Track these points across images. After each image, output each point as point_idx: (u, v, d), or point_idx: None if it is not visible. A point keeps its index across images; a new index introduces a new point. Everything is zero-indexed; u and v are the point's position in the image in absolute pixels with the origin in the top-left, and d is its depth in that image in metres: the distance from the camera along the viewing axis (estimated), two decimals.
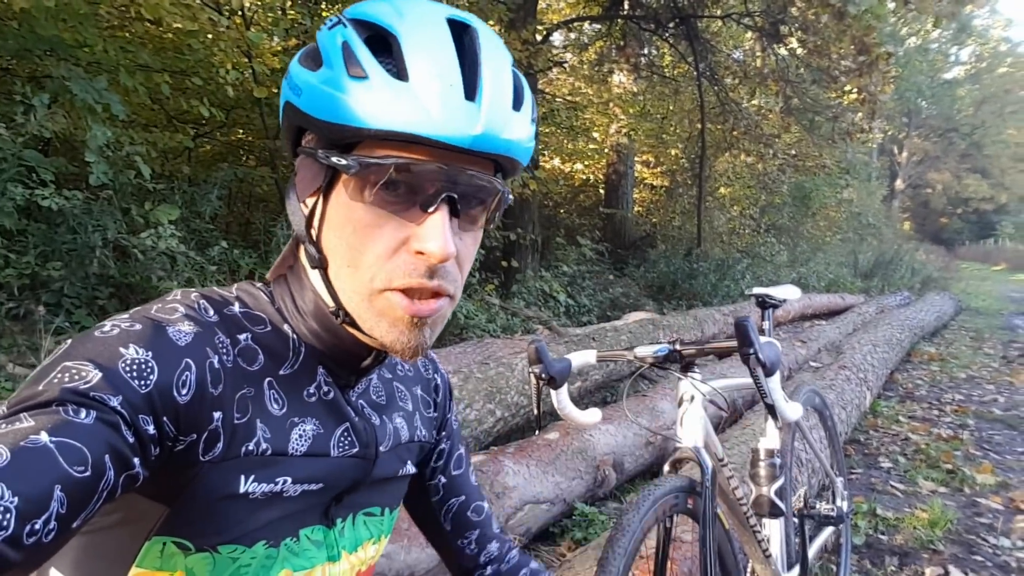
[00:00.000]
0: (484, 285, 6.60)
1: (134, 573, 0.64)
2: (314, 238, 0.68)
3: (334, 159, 0.63)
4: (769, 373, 1.36)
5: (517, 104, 0.67)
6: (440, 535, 0.96)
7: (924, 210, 41.54)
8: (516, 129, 0.66)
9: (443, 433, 0.95)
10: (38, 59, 3.99)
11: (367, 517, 0.81)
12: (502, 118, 0.64)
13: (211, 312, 0.67)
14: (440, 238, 0.62)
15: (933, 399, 5.64)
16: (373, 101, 0.60)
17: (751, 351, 1.33)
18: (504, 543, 1.01)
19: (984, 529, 3.11)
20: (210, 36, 4.61)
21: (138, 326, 0.60)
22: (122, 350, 0.57)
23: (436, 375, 0.95)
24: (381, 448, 0.78)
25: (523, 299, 7.08)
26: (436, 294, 0.65)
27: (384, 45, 0.63)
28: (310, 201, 0.68)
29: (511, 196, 0.71)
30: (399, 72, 0.61)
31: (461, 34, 0.65)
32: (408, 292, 0.64)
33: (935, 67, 32.74)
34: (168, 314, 0.63)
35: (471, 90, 0.62)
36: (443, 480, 0.95)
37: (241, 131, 6.52)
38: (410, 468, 0.86)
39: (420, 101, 0.60)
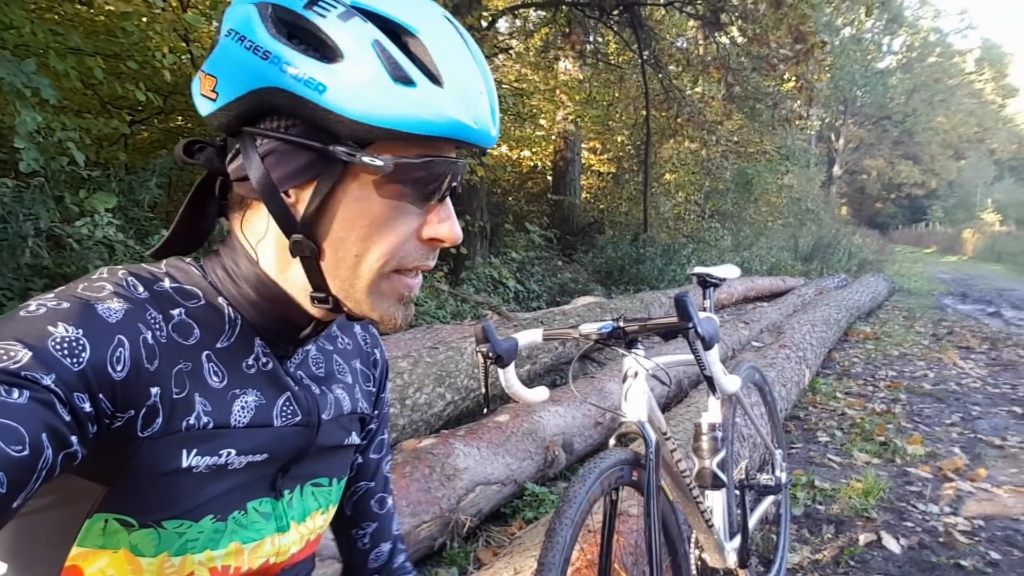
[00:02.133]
0: (434, 272, 6.58)
1: (76, 553, 0.64)
2: (306, 229, 0.66)
3: (366, 159, 0.63)
4: (708, 347, 1.41)
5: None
6: (339, 519, 0.94)
7: (860, 195, 43.03)
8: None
9: (376, 411, 0.94)
10: None
11: (315, 488, 0.81)
12: (497, 115, 0.69)
13: (140, 289, 0.65)
14: (454, 225, 0.70)
15: (868, 376, 5.88)
16: (420, 107, 0.62)
17: (690, 325, 1.38)
18: (397, 549, 0.99)
19: (914, 497, 3.27)
20: (145, 19, 4.46)
21: (65, 304, 0.59)
22: (51, 328, 0.56)
23: (376, 350, 0.94)
24: (324, 416, 0.78)
25: (473, 285, 7.10)
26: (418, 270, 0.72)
27: (397, 40, 0.63)
28: (296, 192, 0.66)
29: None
30: (433, 76, 0.63)
31: (460, 32, 0.68)
32: (406, 272, 0.70)
33: (869, 57, 33.78)
34: (96, 292, 0.62)
35: (491, 95, 0.68)
36: (359, 460, 0.93)
37: (180, 118, 6.32)
38: (355, 438, 0.86)
39: (457, 105, 0.64)
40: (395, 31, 0.63)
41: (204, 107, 0.67)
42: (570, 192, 11.61)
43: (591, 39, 11.04)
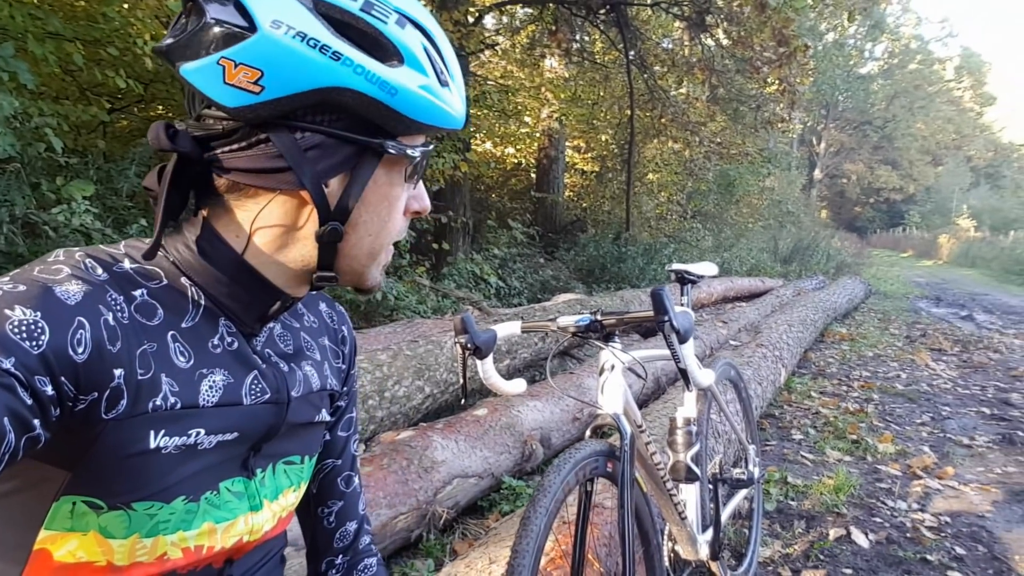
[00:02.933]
0: (415, 267, 6.58)
1: (44, 536, 0.64)
2: (338, 216, 0.71)
3: (409, 152, 0.72)
4: (683, 340, 1.44)
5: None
6: (304, 497, 0.93)
7: (840, 199, 43.50)
8: None
9: (345, 388, 0.94)
10: None
11: (287, 465, 0.82)
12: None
13: (99, 271, 0.65)
14: (427, 199, 0.80)
15: (843, 376, 5.96)
16: (449, 105, 0.71)
17: (666, 318, 1.40)
18: (363, 530, 0.99)
19: (883, 493, 3.33)
20: (126, 5, 4.41)
21: (22, 287, 0.58)
22: (8, 312, 0.55)
23: (344, 327, 0.95)
24: (293, 393, 0.79)
25: (454, 281, 7.10)
26: None
27: (432, 44, 0.72)
28: (333, 183, 0.69)
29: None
30: (449, 76, 0.72)
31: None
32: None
33: (851, 62, 34.14)
34: (53, 274, 0.61)
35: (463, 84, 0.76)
36: (327, 437, 0.94)
37: (161, 106, 6.25)
38: (325, 415, 0.87)
39: (460, 100, 0.74)
40: (429, 36, 0.71)
41: (235, 98, 0.63)
42: (553, 190, 11.64)
43: (577, 37, 11.06)
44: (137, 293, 0.66)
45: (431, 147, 0.77)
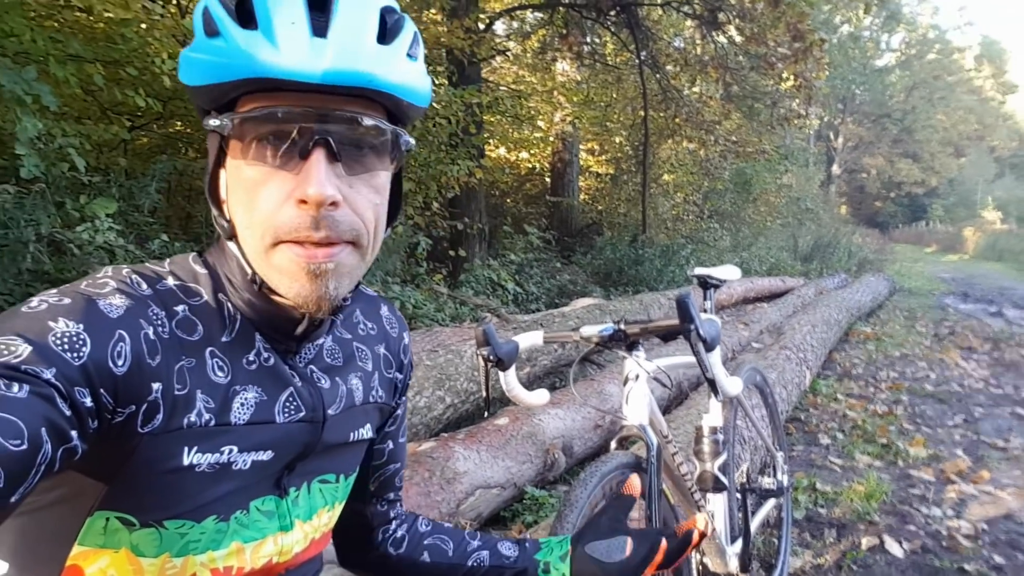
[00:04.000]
0: (432, 275, 6.59)
1: (76, 552, 0.64)
2: (221, 209, 0.69)
3: (212, 122, 0.64)
4: (709, 348, 1.41)
5: (384, 38, 0.66)
6: (358, 493, 0.92)
7: (860, 194, 43.00)
8: (384, 63, 0.65)
9: (402, 398, 0.94)
10: None
11: (322, 484, 0.81)
12: (361, 52, 0.63)
13: (144, 286, 0.66)
14: (316, 182, 0.62)
15: (869, 377, 5.87)
16: (227, 54, 0.61)
17: (692, 327, 1.37)
18: (400, 497, 1.02)
19: (917, 500, 3.26)
20: (144, 25, 4.46)
21: (67, 300, 0.60)
22: (51, 324, 0.57)
23: (404, 334, 0.94)
24: (330, 412, 0.77)
25: (471, 288, 7.10)
26: (330, 242, 0.65)
27: (247, 7, 0.63)
28: (211, 172, 0.69)
29: (411, 140, 0.71)
30: (247, 22, 0.62)
31: None
32: (301, 244, 0.64)
33: (867, 54, 33.77)
34: (99, 288, 0.63)
35: (321, 28, 0.62)
36: (390, 446, 0.94)
37: (179, 123, 6.32)
38: (366, 432, 0.85)
39: (267, 45, 0.61)
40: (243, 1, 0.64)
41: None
42: (568, 193, 11.61)
43: (588, 40, 11.04)
44: (179, 309, 0.67)
45: (260, 113, 0.63)
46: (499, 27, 10.90)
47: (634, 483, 1.01)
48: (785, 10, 7.39)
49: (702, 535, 0.95)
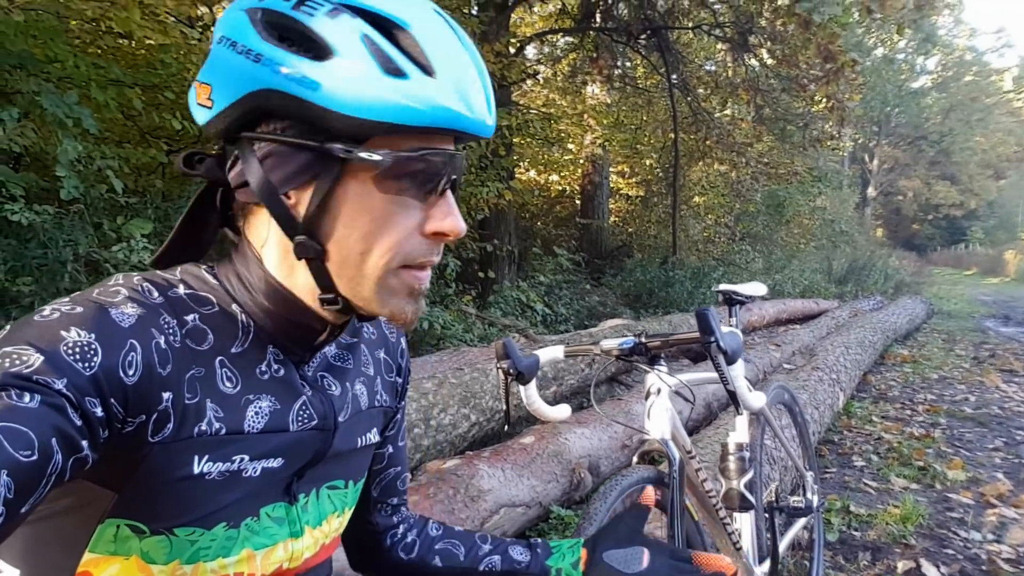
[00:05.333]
0: (461, 296, 6.61)
1: (87, 559, 0.64)
2: (307, 230, 0.67)
3: (363, 155, 0.63)
4: (731, 361, 1.39)
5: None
6: (362, 500, 0.93)
7: (896, 217, 42.24)
8: None
9: (402, 402, 0.95)
10: (7, 74, 3.96)
11: (331, 490, 0.81)
12: (494, 103, 0.70)
13: (155, 294, 0.66)
14: (456, 218, 0.69)
15: (906, 399, 5.72)
16: (418, 99, 0.62)
17: (712, 339, 1.36)
18: (404, 501, 1.02)
19: (955, 523, 3.16)
20: (182, 52, 4.60)
21: (79, 309, 0.60)
22: (63, 333, 0.57)
23: (401, 338, 0.95)
24: (340, 418, 0.78)
25: (500, 309, 7.10)
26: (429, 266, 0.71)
27: (387, 34, 0.64)
28: (295, 194, 0.66)
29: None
30: (424, 67, 0.63)
31: (450, 24, 0.68)
32: (421, 268, 0.70)
33: (902, 77, 33.37)
34: (110, 297, 0.62)
35: (485, 85, 0.67)
36: (390, 450, 0.95)
37: (216, 146, 6.48)
38: (373, 437, 0.86)
39: (450, 94, 0.64)
40: (384, 25, 0.64)
41: (201, 116, 0.68)
42: (598, 216, 11.61)
43: (619, 63, 11.11)
44: (190, 318, 0.67)
45: (421, 153, 0.65)
46: (530, 51, 11.03)
47: (649, 494, 1.00)
48: (816, 31, 7.35)
49: None
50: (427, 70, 0.63)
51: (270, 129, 0.66)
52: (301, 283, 0.70)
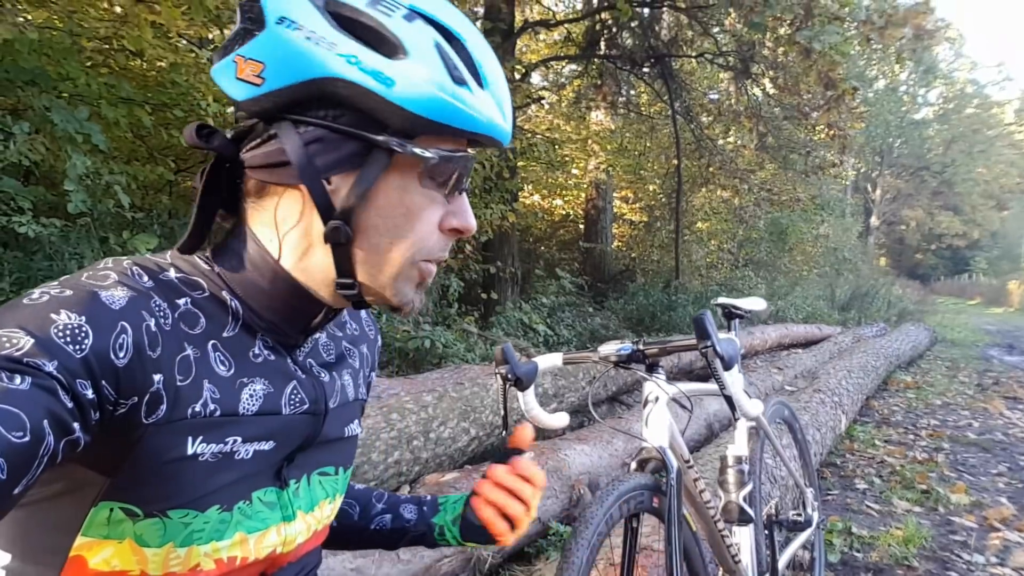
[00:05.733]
0: (463, 317, 6.62)
1: (80, 543, 0.64)
2: (343, 215, 0.68)
3: (417, 150, 0.67)
4: (727, 366, 1.40)
5: None
6: None
7: (899, 246, 42.22)
8: None
9: (370, 394, 0.97)
10: (20, 90, 4.02)
11: (322, 476, 0.82)
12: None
13: (146, 278, 0.66)
14: (472, 217, 0.75)
15: (909, 424, 5.70)
16: (471, 107, 0.68)
17: (709, 344, 1.37)
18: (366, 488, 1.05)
19: (958, 546, 3.14)
20: (193, 72, 4.66)
21: (69, 292, 0.60)
22: (54, 316, 0.57)
23: (377, 334, 0.98)
24: (331, 404, 0.79)
25: (502, 329, 7.10)
26: None
27: (452, 44, 0.69)
28: (337, 180, 0.67)
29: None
30: (479, 79, 0.69)
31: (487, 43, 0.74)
32: (433, 262, 0.75)
33: (904, 108, 33.58)
34: (100, 280, 0.63)
35: (509, 97, 0.74)
36: None
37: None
38: (356, 427, 0.88)
39: (495, 107, 0.70)
40: (447, 36, 0.68)
41: (241, 91, 0.67)
42: (602, 240, 11.64)
43: (623, 90, 11.21)
44: (181, 302, 0.68)
45: (461, 155, 0.71)
46: (535, 77, 11.14)
47: (522, 435, 1.01)
48: (816, 59, 7.44)
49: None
50: (481, 82, 0.69)
51: (322, 115, 0.66)
52: (314, 265, 0.71)
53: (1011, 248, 40.59)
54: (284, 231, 0.71)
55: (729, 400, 1.43)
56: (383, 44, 0.65)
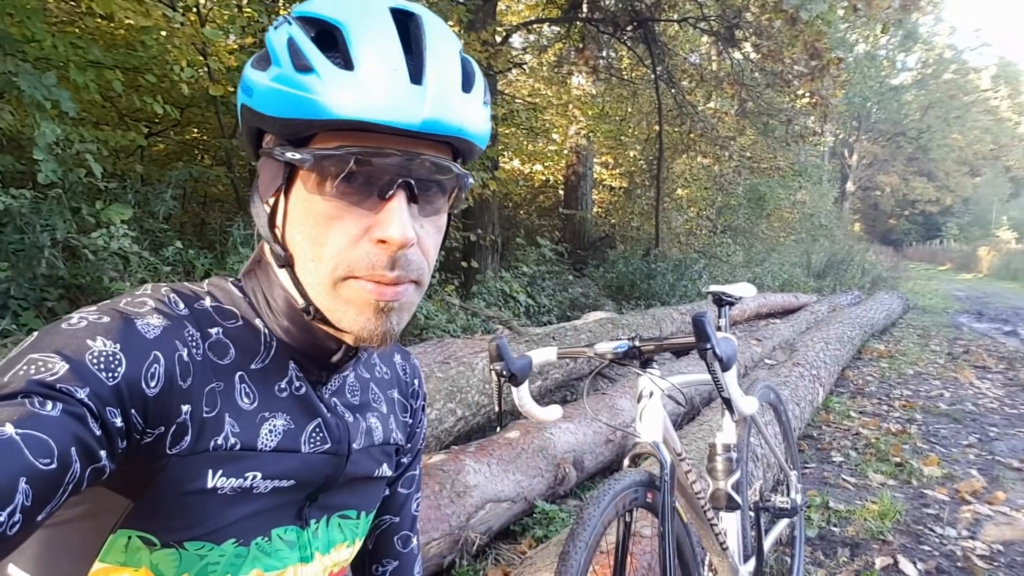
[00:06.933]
0: (444, 286, 6.59)
1: (97, 568, 0.64)
2: (278, 237, 0.68)
3: (288, 154, 0.63)
4: (725, 368, 1.39)
5: (467, 86, 0.67)
6: (359, 551, 0.90)
7: (874, 212, 42.78)
8: (468, 111, 0.66)
9: (409, 444, 0.92)
10: None
11: (342, 519, 0.80)
12: (451, 100, 0.64)
13: (181, 306, 0.66)
14: (399, 224, 0.63)
15: (883, 395, 5.81)
16: (320, 93, 0.60)
17: (708, 346, 1.36)
18: (405, 565, 0.96)
19: (931, 520, 3.22)
20: (164, 33, 4.51)
21: (106, 318, 0.60)
22: (89, 342, 0.57)
23: (416, 380, 0.93)
24: (354, 445, 0.78)
25: (483, 299, 7.09)
26: (398, 281, 0.66)
27: (331, 39, 0.63)
28: (272, 201, 0.68)
29: (472, 180, 0.72)
30: (345, 62, 0.61)
31: (406, 22, 0.65)
32: (372, 281, 0.65)
33: (883, 73, 33.65)
34: (137, 307, 0.63)
35: (416, 74, 0.62)
36: (387, 492, 0.92)
37: (196, 130, 6.38)
38: (387, 470, 0.85)
39: (366, 88, 0.60)
40: (327, 29, 0.63)
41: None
42: (582, 206, 11.61)
43: (604, 54, 11.07)
44: (213, 331, 0.68)
45: (337, 153, 0.62)
46: (516, 40, 10.95)
47: None
48: (803, 29, 7.38)
49: None
50: (346, 65, 0.61)
51: (264, 142, 0.69)
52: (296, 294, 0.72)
53: (982, 214, 41.30)
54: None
55: (727, 402, 1.43)
56: (262, 60, 0.66)
